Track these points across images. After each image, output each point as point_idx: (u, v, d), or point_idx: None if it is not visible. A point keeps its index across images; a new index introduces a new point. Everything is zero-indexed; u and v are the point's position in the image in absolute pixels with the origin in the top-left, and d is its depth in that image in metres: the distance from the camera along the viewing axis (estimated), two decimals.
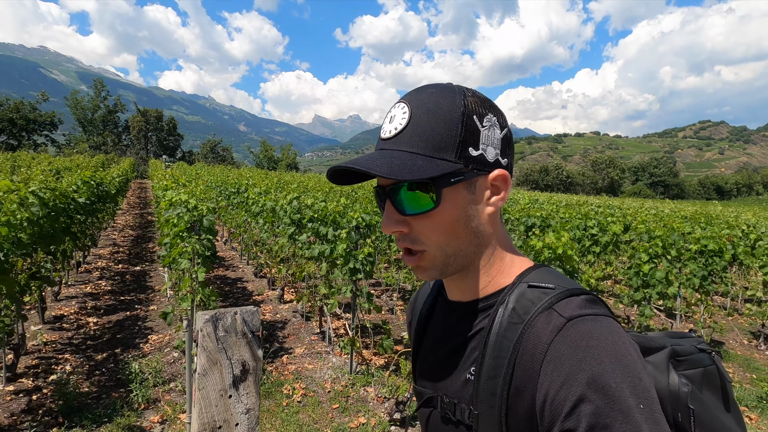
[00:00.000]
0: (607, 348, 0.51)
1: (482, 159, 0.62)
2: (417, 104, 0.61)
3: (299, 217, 5.33)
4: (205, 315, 2.03)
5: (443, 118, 0.60)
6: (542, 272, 0.66)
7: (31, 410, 3.34)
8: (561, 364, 0.52)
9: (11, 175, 7.79)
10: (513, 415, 0.57)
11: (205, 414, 1.99)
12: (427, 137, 0.60)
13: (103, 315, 5.54)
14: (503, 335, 0.60)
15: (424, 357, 0.76)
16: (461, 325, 0.69)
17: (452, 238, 0.62)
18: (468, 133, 0.60)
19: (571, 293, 0.60)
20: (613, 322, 0.56)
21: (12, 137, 40.97)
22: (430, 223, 0.62)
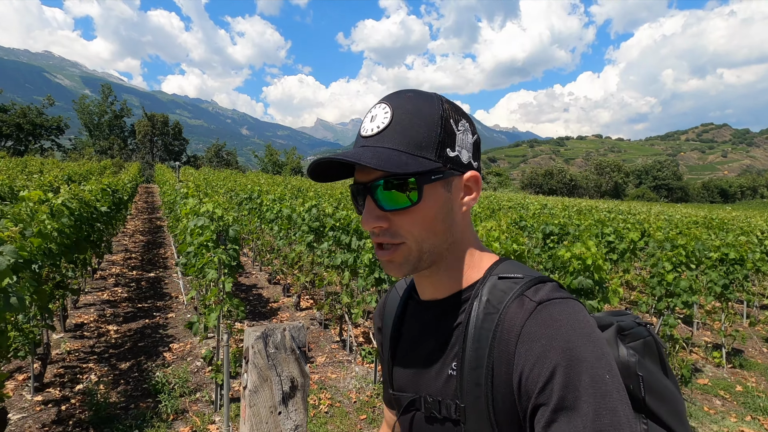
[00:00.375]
0: (576, 326, 0.55)
1: (458, 160, 0.65)
2: (398, 105, 0.64)
3: (318, 225, 5.33)
4: (255, 332, 2.03)
5: (424, 119, 0.63)
6: (508, 264, 0.69)
7: (61, 421, 3.34)
8: (533, 343, 0.55)
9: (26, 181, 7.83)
10: (498, 403, 0.59)
11: (256, 430, 2.00)
12: (409, 136, 0.62)
13: (122, 323, 5.55)
14: (481, 326, 0.62)
15: (402, 360, 0.77)
16: (438, 322, 0.70)
17: (430, 234, 0.64)
18: (446, 135, 0.64)
19: (539, 281, 0.64)
20: (578, 304, 0.60)
21: (18, 142, 41.24)
22: (410, 219, 0.63)
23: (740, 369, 5.14)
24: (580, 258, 3.46)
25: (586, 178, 69.91)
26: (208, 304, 3.78)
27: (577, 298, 0.70)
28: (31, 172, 12.76)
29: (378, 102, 0.68)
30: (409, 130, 0.62)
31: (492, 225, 3.24)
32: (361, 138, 0.66)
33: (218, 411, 3.57)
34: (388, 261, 0.66)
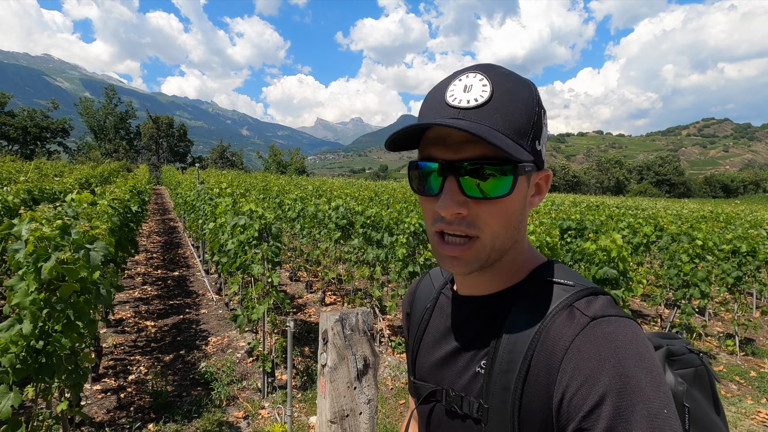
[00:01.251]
0: (631, 350, 0.51)
1: (540, 155, 0.61)
2: (497, 81, 0.58)
3: (345, 222, 5.55)
4: (333, 315, 2.28)
5: (524, 104, 0.58)
6: (559, 269, 0.65)
7: (122, 407, 3.58)
8: (583, 362, 0.51)
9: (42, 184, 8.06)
10: (526, 411, 0.56)
11: (336, 404, 2.24)
12: (510, 119, 0.57)
13: (157, 319, 5.78)
14: (519, 330, 0.59)
15: (428, 350, 0.75)
16: (474, 318, 0.68)
17: (506, 229, 0.60)
18: (537, 127, 0.60)
19: (591, 292, 0.59)
20: (635, 325, 0.55)
21: (25, 146, 41.61)
22: (492, 210, 0.59)
23: (753, 356, 5.36)
24: (605, 250, 3.68)
25: (588, 175, 70.13)
26: (252, 298, 4.01)
27: (633, 317, 0.68)
28: (46, 174, 12.99)
29: (468, 70, 0.61)
30: (511, 112, 0.57)
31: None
32: (449, 108, 0.58)
33: (266, 397, 3.79)
34: (456, 257, 0.60)
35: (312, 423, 3.50)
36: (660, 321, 6.26)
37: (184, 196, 10.87)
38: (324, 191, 10.33)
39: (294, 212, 7.43)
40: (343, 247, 5.68)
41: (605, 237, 3.68)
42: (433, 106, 0.61)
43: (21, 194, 5.57)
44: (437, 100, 0.60)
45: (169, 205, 21.18)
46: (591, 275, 3.65)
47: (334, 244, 5.68)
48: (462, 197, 0.58)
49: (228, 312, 6.02)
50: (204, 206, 6.92)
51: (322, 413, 2.14)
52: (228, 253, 4.58)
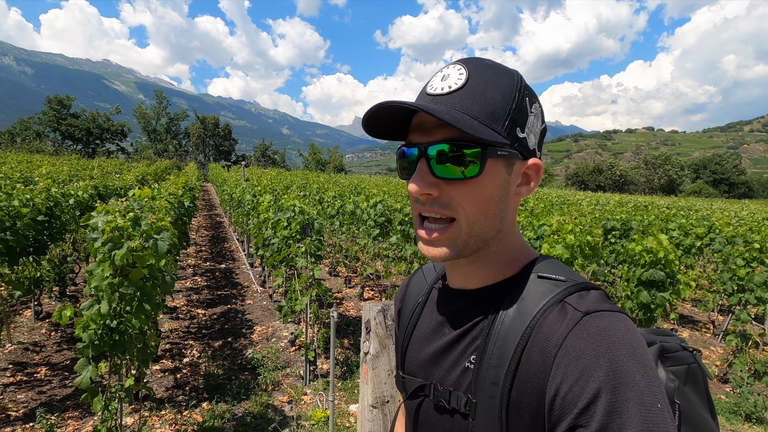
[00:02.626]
0: (625, 345, 0.50)
1: (525, 143, 0.61)
2: (475, 69, 0.60)
3: (384, 220, 5.67)
4: (376, 306, 2.40)
5: (500, 89, 0.59)
6: (549, 264, 0.64)
7: (179, 386, 3.88)
8: (577, 358, 0.51)
9: (114, 180, 8.72)
10: (515, 406, 0.56)
11: (377, 390, 2.36)
12: (481, 103, 0.58)
13: (207, 307, 6.16)
14: (510, 325, 0.58)
15: (418, 345, 0.73)
16: (464, 313, 0.67)
17: (482, 215, 0.60)
18: (519, 113, 0.60)
19: (583, 287, 0.58)
20: (628, 320, 0.55)
21: (87, 145, 45.07)
22: (464, 191, 0.59)
23: None
24: (651, 251, 3.58)
25: (637, 173, 66.60)
26: (295, 290, 4.21)
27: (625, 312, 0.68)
28: (108, 172, 14.01)
29: (452, 63, 0.64)
30: (484, 96, 0.58)
31: (566, 218, 3.42)
32: (426, 96, 0.61)
33: (308, 384, 3.98)
34: (432, 240, 0.61)
35: (352, 410, 3.65)
36: (713, 327, 5.94)
37: (230, 192, 11.40)
38: (362, 189, 10.51)
39: (333, 209, 7.64)
40: (381, 243, 5.80)
41: (651, 238, 3.58)
42: (417, 98, 0.64)
43: (89, 190, 6.09)
44: (420, 93, 0.64)
45: (215, 201, 22.22)
46: (636, 277, 3.56)
47: (372, 240, 5.81)
48: (432, 178, 0.60)
49: (272, 303, 6.31)
50: (249, 202, 7.27)
51: (364, 398, 2.26)
52: (272, 247, 4.82)
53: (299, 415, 3.52)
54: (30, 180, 7.19)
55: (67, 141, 44.84)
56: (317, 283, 3.97)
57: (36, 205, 4.16)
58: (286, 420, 3.44)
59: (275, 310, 5.89)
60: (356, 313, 6.07)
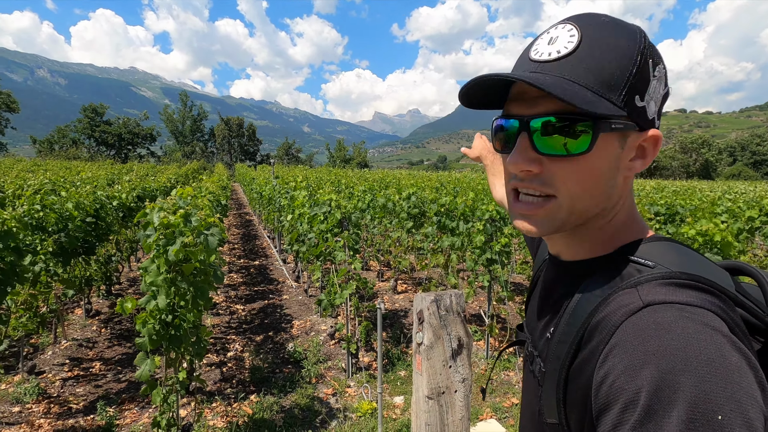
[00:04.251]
0: (685, 346, 0.43)
1: (643, 112, 0.54)
2: (589, 30, 0.54)
3: (417, 211, 5.63)
4: (428, 296, 2.36)
5: (618, 53, 0.52)
6: (653, 246, 0.57)
7: (226, 379, 3.97)
8: (624, 352, 0.46)
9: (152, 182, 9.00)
10: (572, 382, 0.54)
11: (432, 381, 2.33)
12: (596, 70, 0.52)
13: (245, 303, 6.29)
14: (581, 305, 0.56)
15: (533, 300, 0.75)
16: (557, 284, 0.66)
17: (587, 193, 0.55)
18: (639, 79, 0.53)
19: (670, 276, 0.51)
20: (713, 318, 0.46)
21: (119, 151, 46.94)
22: (569, 169, 0.54)
23: None
24: (705, 234, 3.41)
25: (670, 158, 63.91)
26: (334, 284, 4.23)
27: (716, 308, 0.47)
28: (144, 175, 14.50)
29: (562, 22, 0.57)
30: (598, 62, 0.52)
31: None
32: (530, 62, 0.56)
33: (351, 377, 4.01)
34: (531, 215, 0.58)
35: (396, 402, 3.64)
36: None
37: (259, 190, 11.59)
38: (389, 182, 10.48)
39: (364, 203, 7.65)
40: (415, 236, 5.76)
41: (704, 221, 3.41)
42: (518, 63, 0.59)
43: (131, 192, 6.30)
44: (522, 57, 0.58)
45: (243, 200, 22.67)
46: None
47: (406, 233, 5.78)
48: (533, 154, 0.55)
49: (307, 298, 6.38)
50: (280, 199, 7.35)
51: (419, 389, 2.24)
52: (309, 242, 4.86)
53: (345, 407, 3.54)
54: (74, 184, 7.50)
55: (101, 147, 46.77)
56: (357, 276, 3.97)
57: (85, 208, 4.33)
58: (332, 412, 3.47)
59: (312, 305, 5.96)
60: (391, 306, 6.06)
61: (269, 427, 3.17)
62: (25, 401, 3.43)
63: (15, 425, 3.15)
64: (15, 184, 6.58)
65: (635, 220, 0.62)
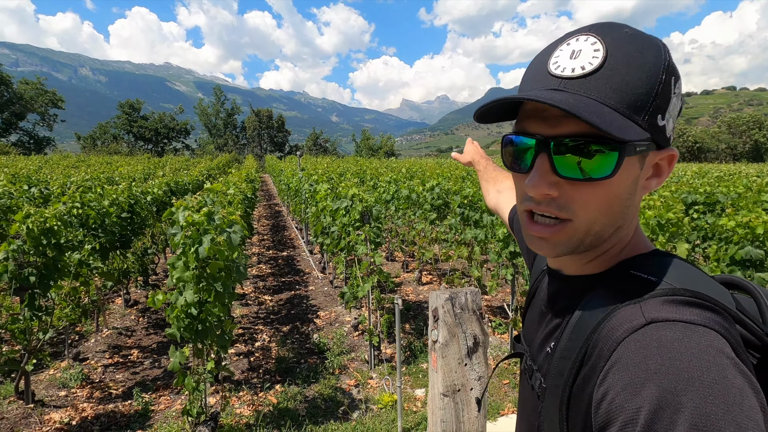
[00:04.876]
0: (688, 366, 0.41)
1: (663, 132, 0.53)
2: (614, 44, 0.51)
3: (441, 203, 5.57)
4: (443, 294, 2.34)
5: (645, 72, 0.50)
6: (657, 261, 0.56)
7: (253, 369, 4.12)
8: (625, 369, 0.45)
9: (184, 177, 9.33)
10: (575, 399, 0.53)
11: (447, 378, 2.32)
12: (623, 90, 0.50)
13: (273, 294, 6.46)
14: (584, 320, 0.55)
15: (531, 312, 0.74)
16: (558, 297, 0.65)
17: (605, 215, 0.54)
18: (663, 98, 0.51)
19: (673, 293, 0.50)
20: (717, 339, 0.44)
21: (156, 145, 48.90)
22: (589, 193, 0.53)
23: None
24: (747, 226, 3.21)
25: (715, 139, 60.10)
26: (356, 277, 4.27)
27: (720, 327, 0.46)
28: (177, 169, 15.03)
29: (581, 31, 0.54)
30: (626, 82, 0.50)
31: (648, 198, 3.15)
32: (551, 77, 0.53)
33: (373, 369, 4.06)
34: (546, 238, 0.56)
35: (418, 395, 3.67)
36: None
37: (287, 182, 11.80)
38: (415, 172, 10.42)
39: (388, 194, 7.65)
40: (439, 227, 5.72)
41: (745, 211, 3.21)
42: (534, 75, 0.56)
43: (163, 187, 6.56)
44: (540, 69, 0.55)
45: (273, 191, 23.16)
46: (728, 256, 3.22)
47: (429, 224, 5.75)
48: (553, 177, 0.53)
49: (332, 289, 6.49)
50: (306, 191, 7.46)
51: (434, 386, 2.25)
52: (331, 235, 4.92)
53: (367, 398, 3.60)
54: (112, 180, 7.88)
55: (139, 142, 48.88)
56: (378, 270, 4.00)
57: (120, 204, 4.54)
58: (354, 403, 3.53)
59: (337, 296, 6.05)
60: (415, 297, 6.08)
61: (292, 417, 3.27)
62: (71, 386, 3.69)
63: (62, 408, 3.39)
64: (59, 182, 6.98)
65: (639, 235, 0.61)
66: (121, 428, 3.16)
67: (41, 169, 13.55)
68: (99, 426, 3.19)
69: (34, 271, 3.05)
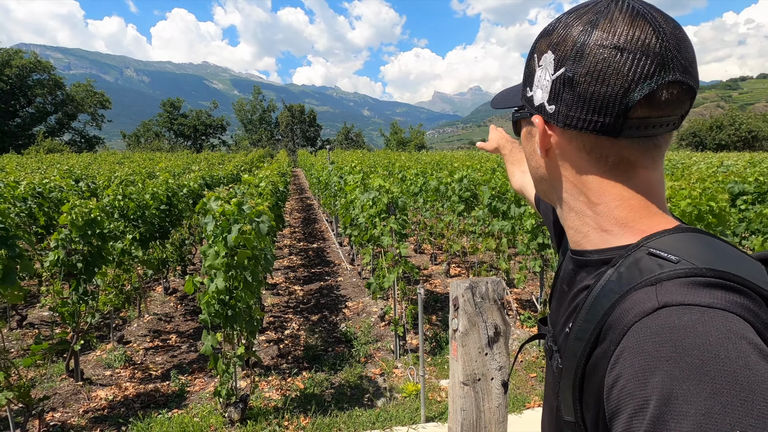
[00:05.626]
0: (702, 353, 0.39)
1: (531, 101, 0.62)
2: None
3: (469, 195, 5.50)
4: (463, 283, 2.33)
5: (527, 55, 0.64)
6: (678, 238, 0.53)
7: (282, 356, 4.25)
8: (635, 354, 0.43)
9: (219, 170, 9.66)
10: (587, 383, 0.53)
11: (468, 367, 2.31)
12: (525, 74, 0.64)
13: (303, 284, 6.62)
14: (598, 301, 0.53)
15: (555, 291, 0.74)
16: (575, 276, 0.64)
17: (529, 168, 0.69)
18: (528, 73, 0.63)
19: (694, 273, 0.47)
20: (738, 323, 0.42)
21: (195, 141, 50.94)
22: None
23: None
24: None
25: None
26: (382, 268, 4.30)
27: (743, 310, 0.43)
28: (213, 163, 15.59)
29: None
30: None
31: (681, 183, 2.99)
32: None
33: (398, 359, 4.10)
34: None
35: (442, 385, 3.68)
36: None
37: (317, 175, 11.99)
38: (444, 164, 10.32)
39: (416, 186, 7.63)
40: (467, 219, 5.66)
41: None
42: None
43: (199, 180, 6.83)
44: None
45: (304, 185, 23.59)
46: None
47: (457, 216, 5.70)
48: None
49: (361, 280, 6.57)
50: (335, 184, 7.56)
51: (454, 375, 2.25)
52: (359, 226, 4.98)
53: (391, 386, 3.64)
54: (153, 174, 8.28)
55: (179, 138, 51.05)
56: (404, 261, 4.01)
57: (159, 196, 4.77)
58: (379, 391, 3.58)
59: (364, 287, 6.12)
60: (443, 289, 6.05)
61: (318, 402, 3.36)
62: (115, 366, 3.94)
63: (107, 386, 3.64)
64: (105, 176, 7.41)
65: (651, 209, 0.58)
66: (160, 406, 3.36)
67: (90, 165, 14.42)
68: (140, 404, 3.40)
69: (81, 258, 3.28)
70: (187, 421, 3.06)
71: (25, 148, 35.43)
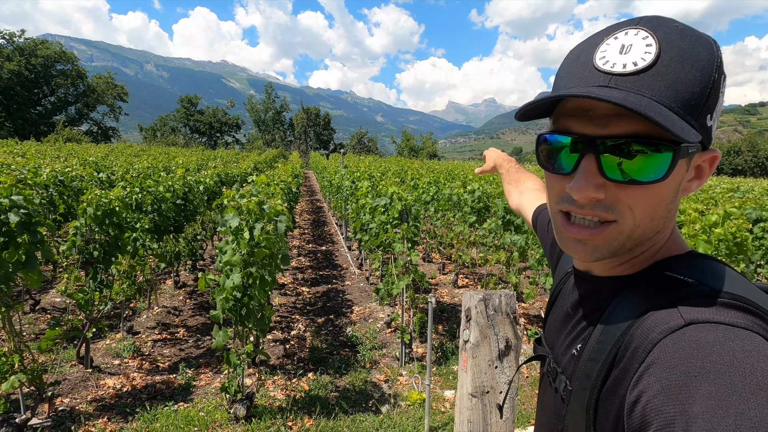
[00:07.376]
0: (730, 370, 0.39)
1: (710, 132, 0.51)
2: (666, 39, 0.48)
3: (481, 206, 5.50)
4: (477, 294, 2.33)
5: (699, 70, 0.48)
6: (694, 263, 0.54)
7: (288, 356, 4.27)
8: (662, 370, 0.43)
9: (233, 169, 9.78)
10: (603, 403, 0.52)
11: (477, 379, 2.31)
12: (678, 88, 0.47)
13: (310, 286, 6.65)
14: (615, 321, 0.53)
15: (554, 313, 0.73)
16: (586, 299, 0.63)
17: (650, 218, 0.52)
18: (713, 98, 0.49)
19: (714, 294, 0.47)
20: (762, 343, 0.42)
21: (210, 138, 51.69)
22: (638, 195, 0.50)
23: None
24: None
25: None
26: (392, 274, 4.31)
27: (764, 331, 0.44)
28: (227, 161, 15.77)
29: (629, 24, 0.51)
30: (681, 80, 0.47)
31: (713, 210, 2.98)
32: (598, 73, 0.50)
33: (404, 366, 4.09)
34: (586, 240, 0.54)
35: (447, 396, 3.66)
36: None
37: (329, 179, 12.06)
38: (456, 174, 10.33)
39: (428, 195, 7.64)
40: (478, 231, 5.65)
41: None
42: (576, 69, 0.53)
43: (215, 177, 6.92)
44: (583, 63, 0.52)
45: (316, 187, 23.73)
46: None
47: (468, 227, 5.69)
48: (600, 179, 0.50)
49: (368, 285, 6.58)
50: (347, 188, 7.60)
51: (463, 386, 2.25)
52: (370, 232, 5.00)
53: (396, 394, 3.64)
54: (169, 169, 8.41)
55: (194, 134, 51.83)
56: (414, 269, 4.02)
57: (176, 191, 4.85)
58: (384, 397, 3.58)
59: (372, 292, 6.13)
60: (450, 300, 6.04)
61: (323, 404, 3.37)
62: (124, 356, 3.99)
63: (115, 375, 3.68)
64: (123, 168, 7.54)
65: (675, 236, 0.59)
66: (166, 399, 3.39)
67: (107, 156, 14.67)
68: (147, 394, 3.44)
69: (98, 247, 3.34)
70: (192, 415, 3.08)
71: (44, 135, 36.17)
